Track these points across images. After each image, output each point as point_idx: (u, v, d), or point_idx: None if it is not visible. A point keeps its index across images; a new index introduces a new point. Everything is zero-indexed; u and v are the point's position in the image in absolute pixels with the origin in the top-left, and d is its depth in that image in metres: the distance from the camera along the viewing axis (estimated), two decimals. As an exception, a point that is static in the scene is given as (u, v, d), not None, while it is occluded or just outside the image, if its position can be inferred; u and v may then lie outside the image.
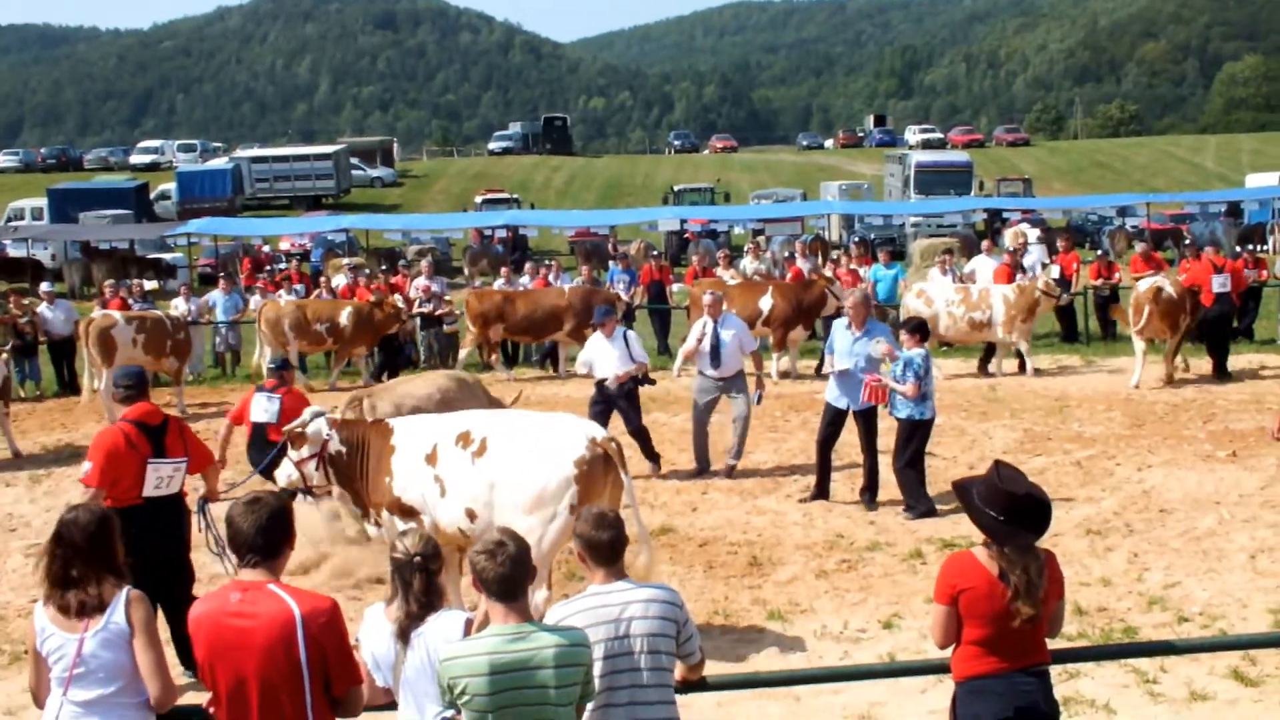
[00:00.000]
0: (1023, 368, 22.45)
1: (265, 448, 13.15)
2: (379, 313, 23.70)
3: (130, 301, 24.48)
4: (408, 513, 10.10)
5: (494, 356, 24.44)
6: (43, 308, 24.26)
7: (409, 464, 10.15)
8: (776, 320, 22.75)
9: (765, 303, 22.81)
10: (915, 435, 13.88)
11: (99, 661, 5.71)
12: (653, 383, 17.00)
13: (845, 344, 14.38)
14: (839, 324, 14.79)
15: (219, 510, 7.62)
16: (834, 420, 14.65)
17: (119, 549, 5.97)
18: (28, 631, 5.96)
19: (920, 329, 14.03)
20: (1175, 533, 13.00)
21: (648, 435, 16.53)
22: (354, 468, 10.41)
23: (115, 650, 5.73)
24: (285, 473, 10.51)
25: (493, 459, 9.89)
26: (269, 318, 23.66)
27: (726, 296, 22.30)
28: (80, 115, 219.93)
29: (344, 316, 23.51)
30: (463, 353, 24.27)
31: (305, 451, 10.43)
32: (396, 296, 24.95)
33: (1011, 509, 5.96)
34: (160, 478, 9.67)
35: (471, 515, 9.89)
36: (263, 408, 13.82)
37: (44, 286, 26.42)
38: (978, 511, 6.06)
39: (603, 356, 15.87)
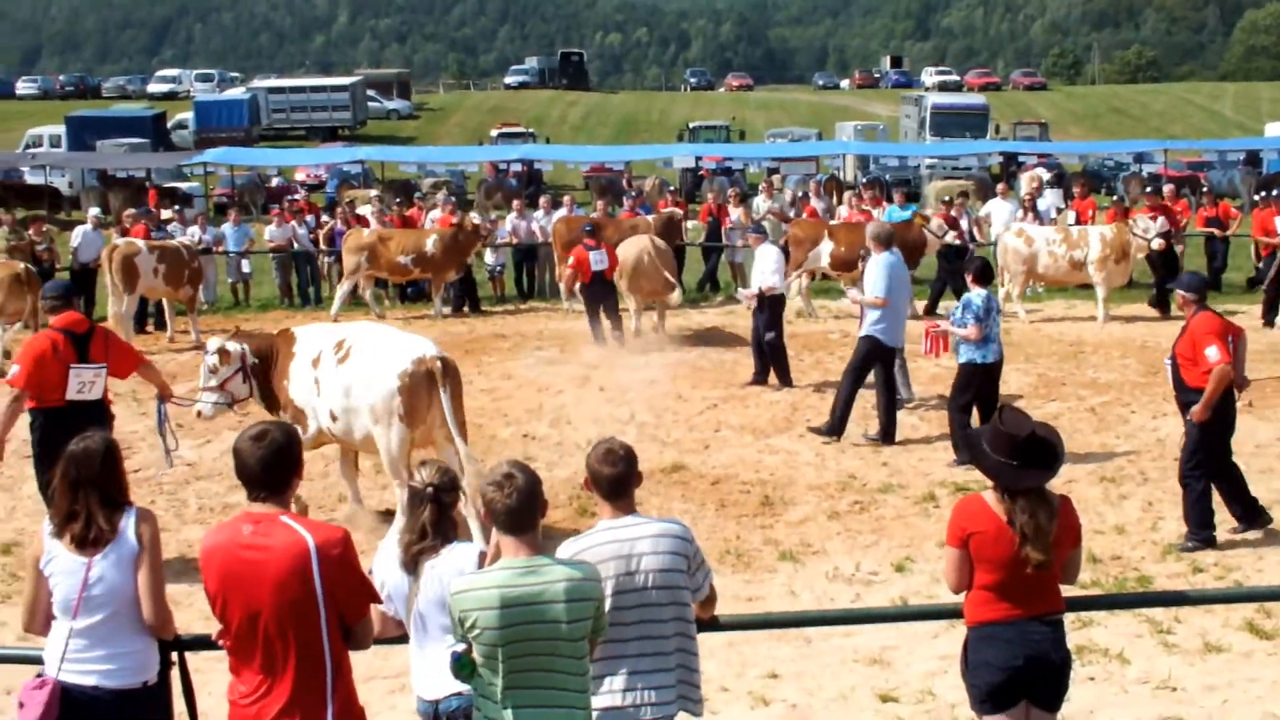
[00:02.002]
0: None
1: (602, 284, 20.42)
2: (461, 234, 23.76)
3: (151, 230, 24.49)
4: (300, 412, 11.39)
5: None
6: (86, 229, 24.26)
7: (301, 368, 11.49)
8: None
9: None
10: (973, 381, 13.41)
11: (106, 584, 5.72)
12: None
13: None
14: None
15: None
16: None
17: (124, 476, 5.99)
18: (34, 547, 5.94)
19: (983, 270, 13.59)
20: (1190, 482, 12.95)
21: (780, 353, 17.37)
22: (267, 374, 11.76)
23: (123, 571, 5.75)
24: (208, 400, 11.69)
25: (348, 367, 11.20)
26: (349, 246, 23.70)
27: (830, 235, 22.31)
28: (99, 43, 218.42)
29: (430, 245, 23.45)
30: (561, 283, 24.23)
31: (231, 368, 11.68)
32: (473, 215, 25.00)
33: (1014, 451, 5.92)
34: (82, 382, 10.32)
35: (333, 416, 11.25)
36: (596, 259, 20.26)
37: (93, 211, 26.36)
38: (984, 456, 6.03)
39: (759, 266, 17.44)
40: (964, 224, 24.20)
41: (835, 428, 14.68)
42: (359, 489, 12.41)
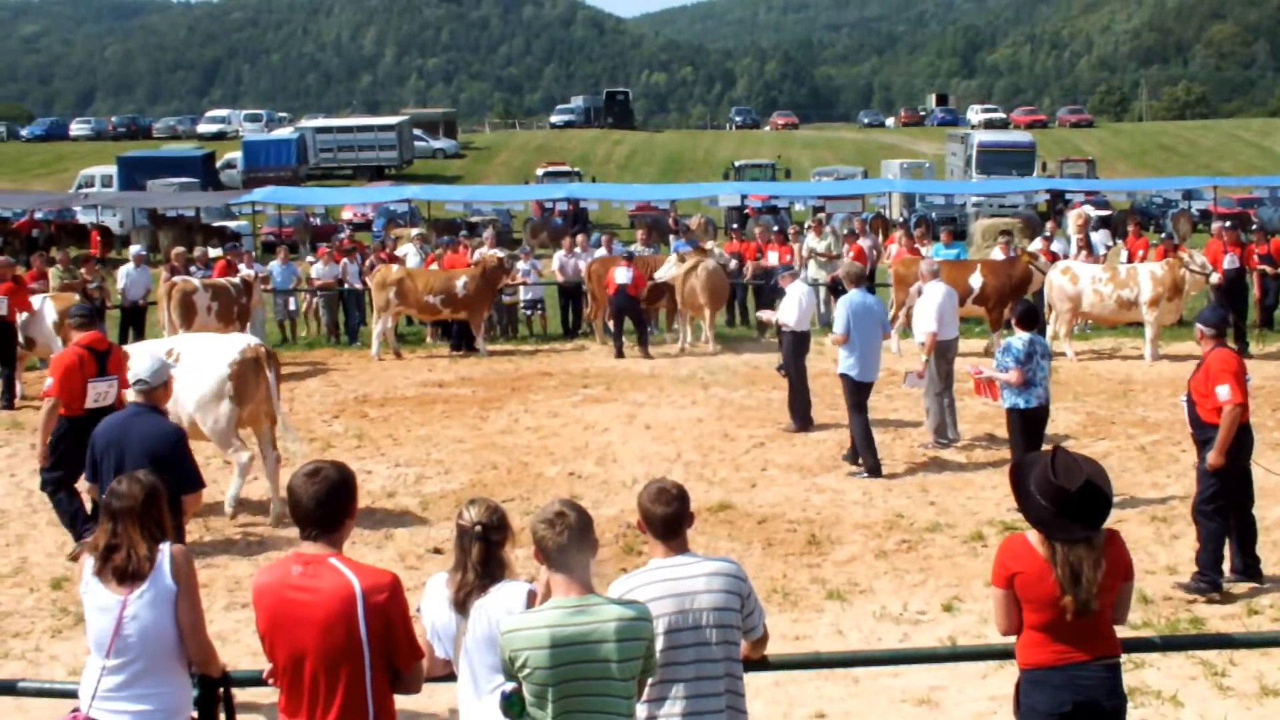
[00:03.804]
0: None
1: (625, 299, 23.12)
2: (488, 272, 23.78)
3: (239, 265, 24.83)
4: None
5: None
6: (128, 268, 24.55)
7: None
8: (990, 298, 22.47)
9: (975, 280, 22.48)
10: (1024, 427, 13.06)
11: (140, 624, 5.76)
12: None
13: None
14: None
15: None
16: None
17: (166, 516, 6.06)
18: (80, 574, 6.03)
19: (1028, 314, 13.40)
20: (1243, 522, 12.80)
21: (795, 392, 17.15)
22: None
23: (159, 610, 5.79)
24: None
25: (181, 367, 12.80)
26: (376, 282, 23.80)
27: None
28: (151, 85, 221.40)
29: (460, 286, 23.50)
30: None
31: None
32: (494, 252, 24.99)
33: (1064, 503, 5.79)
34: (98, 393, 11.76)
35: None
36: (621, 274, 23.10)
37: (134, 249, 26.68)
38: (1030, 500, 5.90)
39: (784, 302, 17.46)
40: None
41: (872, 468, 14.79)
42: None
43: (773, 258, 25.77)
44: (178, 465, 8.37)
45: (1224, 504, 10.81)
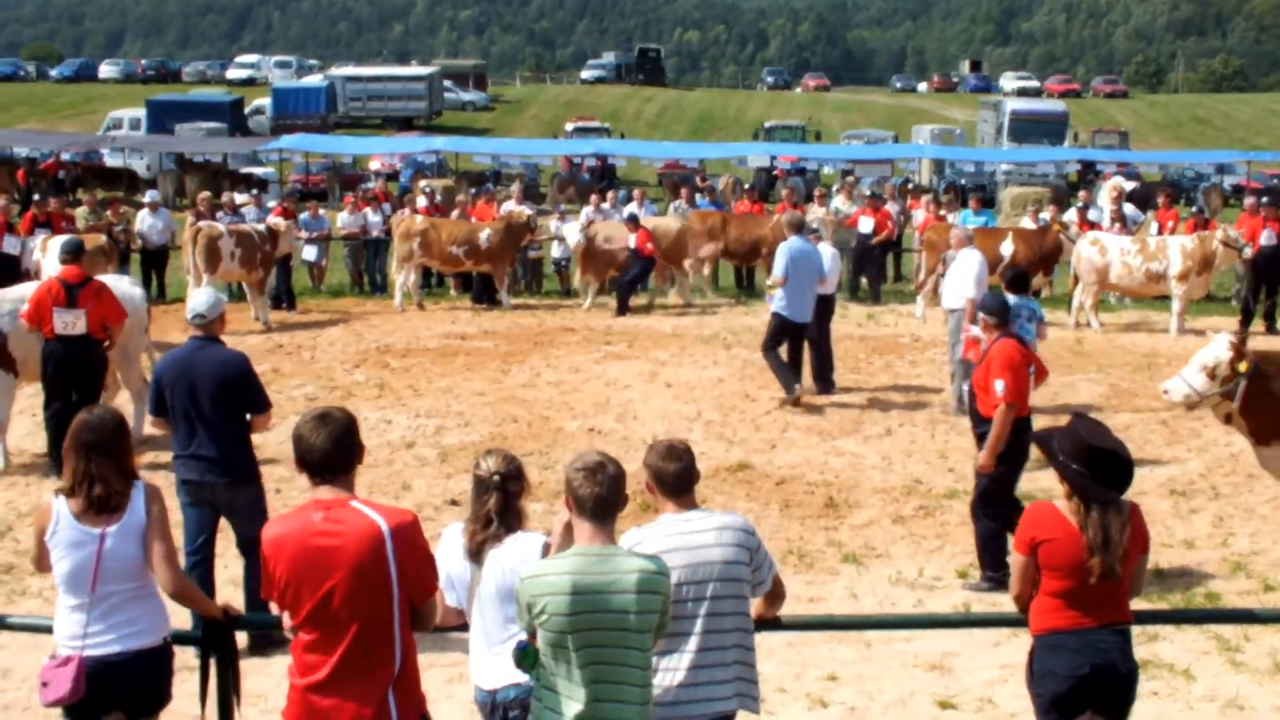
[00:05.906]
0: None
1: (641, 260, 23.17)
2: (514, 227, 23.82)
3: (291, 209, 24.93)
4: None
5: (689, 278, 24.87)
6: (144, 214, 24.60)
7: None
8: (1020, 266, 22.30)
9: (1006, 248, 22.36)
10: None
11: (119, 554, 5.97)
12: None
13: None
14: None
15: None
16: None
17: (131, 450, 6.22)
18: (39, 518, 6.13)
19: (1015, 279, 13.45)
20: (1263, 499, 12.74)
21: (817, 355, 17.16)
22: None
23: (132, 542, 6.00)
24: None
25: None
26: (400, 233, 23.78)
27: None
28: (181, 29, 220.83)
29: (483, 239, 23.48)
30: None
31: None
32: (522, 209, 25.07)
33: (1096, 463, 5.83)
34: (64, 321, 12.94)
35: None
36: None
37: (150, 195, 26.70)
38: (1063, 466, 5.93)
39: None
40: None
41: (789, 392, 16.10)
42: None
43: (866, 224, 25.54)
44: (248, 388, 9.05)
45: (996, 503, 10.29)
